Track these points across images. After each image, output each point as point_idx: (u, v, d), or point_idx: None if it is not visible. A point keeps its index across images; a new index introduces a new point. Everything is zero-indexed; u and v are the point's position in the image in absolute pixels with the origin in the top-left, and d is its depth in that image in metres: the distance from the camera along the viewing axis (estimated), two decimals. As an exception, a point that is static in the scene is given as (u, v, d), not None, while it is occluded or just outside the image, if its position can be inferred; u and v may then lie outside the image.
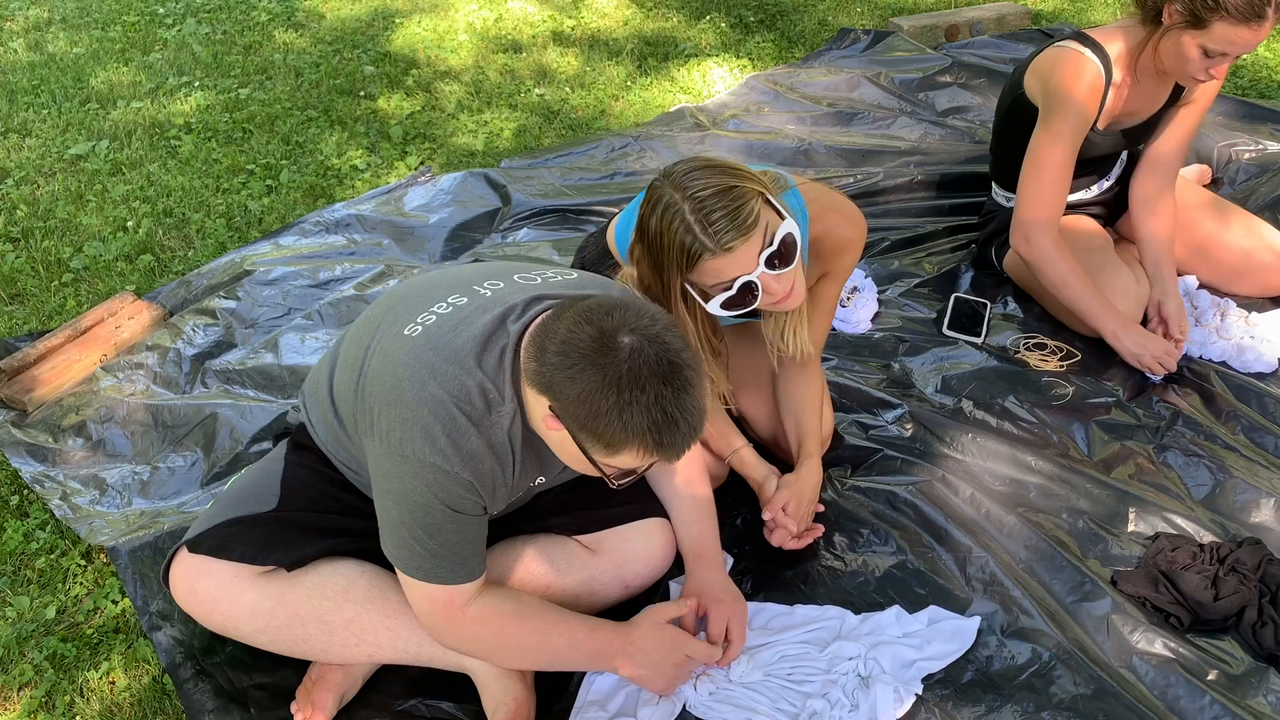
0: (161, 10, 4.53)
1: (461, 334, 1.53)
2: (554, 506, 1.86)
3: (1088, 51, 2.39)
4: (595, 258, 2.17)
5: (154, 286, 2.80)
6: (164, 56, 4.11)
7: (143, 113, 3.67)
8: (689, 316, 1.80)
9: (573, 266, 2.19)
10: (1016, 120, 2.57)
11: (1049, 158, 2.41)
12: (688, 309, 1.78)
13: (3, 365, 2.43)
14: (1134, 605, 1.87)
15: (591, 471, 1.51)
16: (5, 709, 1.76)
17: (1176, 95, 2.50)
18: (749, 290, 1.69)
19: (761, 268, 1.67)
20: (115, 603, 1.92)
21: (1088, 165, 2.59)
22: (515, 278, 1.67)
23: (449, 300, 1.61)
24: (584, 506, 1.86)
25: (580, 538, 1.84)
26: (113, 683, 1.80)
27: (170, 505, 2.10)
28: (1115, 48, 2.40)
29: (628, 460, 1.43)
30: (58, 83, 3.89)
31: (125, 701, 1.76)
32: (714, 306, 1.72)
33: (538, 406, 1.47)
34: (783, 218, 1.69)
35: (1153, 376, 2.41)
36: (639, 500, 1.89)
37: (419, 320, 1.58)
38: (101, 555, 2.00)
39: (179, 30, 4.35)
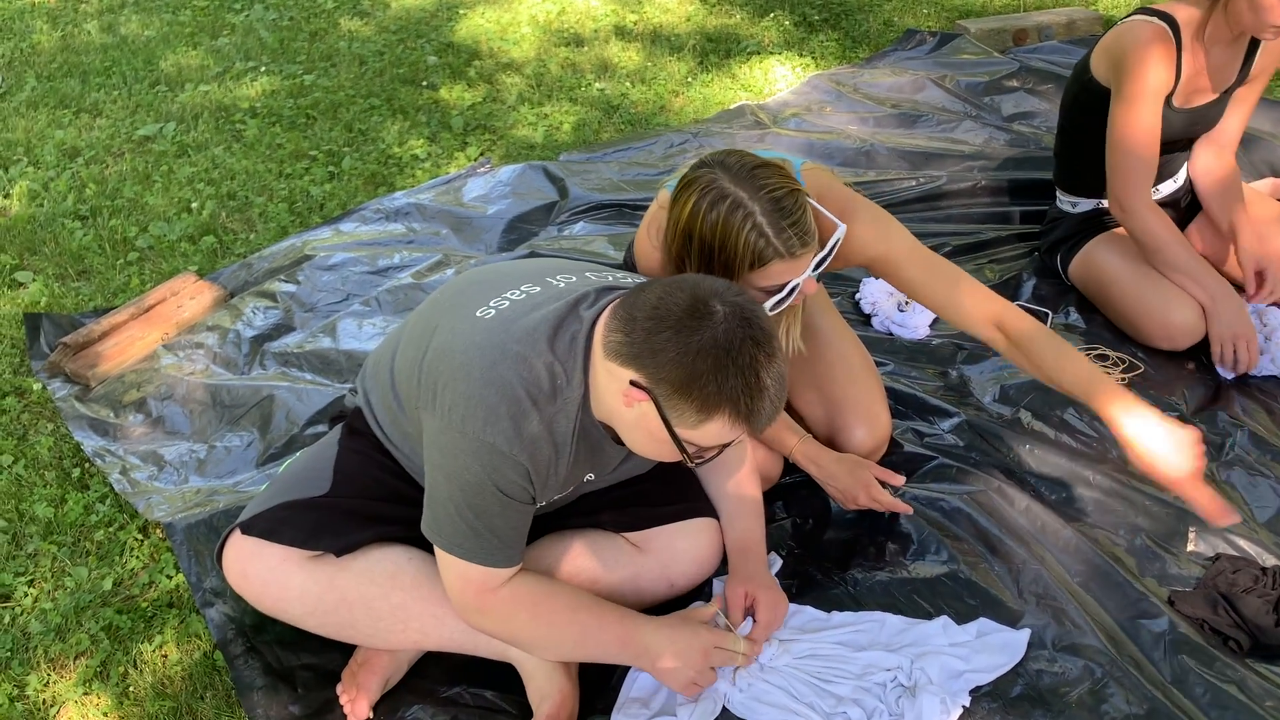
0: (231, -5, 4.60)
1: (534, 317, 1.53)
2: (603, 503, 1.85)
3: (1155, 20, 2.37)
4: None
5: (216, 268, 2.84)
6: (231, 41, 4.17)
7: (210, 96, 3.73)
8: None
9: (624, 264, 2.19)
10: (1083, 109, 2.54)
11: (1132, 124, 2.39)
12: None
13: (68, 340, 2.48)
14: (1192, 627, 1.83)
15: (666, 454, 1.49)
16: (62, 677, 1.80)
17: (1245, 73, 2.48)
18: (791, 294, 1.69)
19: (809, 272, 1.67)
20: (170, 577, 1.95)
21: (1160, 150, 2.54)
22: (587, 273, 1.68)
23: (523, 288, 1.62)
24: (633, 504, 1.85)
25: (628, 535, 1.84)
26: (165, 656, 1.83)
27: (226, 484, 2.14)
28: (1183, 14, 2.39)
29: (713, 431, 1.42)
30: (129, 65, 3.97)
31: (176, 675, 1.79)
32: (782, 292, 1.71)
33: (614, 384, 1.46)
34: (834, 224, 1.70)
35: (1225, 374, 2.36)
36: (688, 500, 1.88)
37: (492, 304, 1.58)
38: (158, 530, 2.03)
39: (247, 15, 4.41)
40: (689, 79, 3.86)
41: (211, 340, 2.52)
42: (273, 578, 1.70)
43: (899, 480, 1.93)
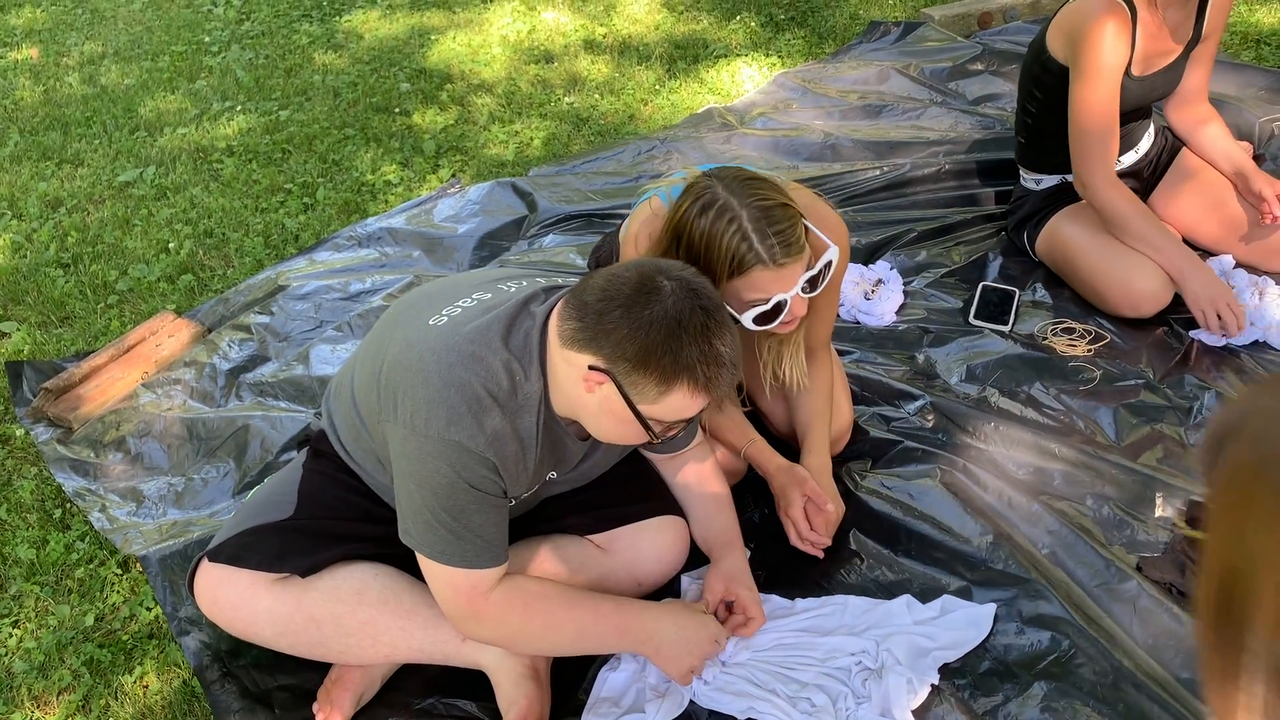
0: (208, 39, 4.67)
1: (487, 318, 1.56)
2: (567, 507, 1.87)
3: None
4: (608, 256, 2.19)
5: (194, 305, 2.89)
6: (209, 83, 4.23)
7: (188, 138, 3.79)
8: None
9: (588, 268, 2.22)
10: (1042, 88, 2.55)
11: (1091, 102, 2.40)
12: None
13: (50, 385, 2.52)
14: (1160, 591, 1.83)
15: (631, 435, 1.51)
16: (45, 713, 1.83)
17: (1199, 31, 2.49)
18: (779, 309, 1.71)
19: (798, 289, 1.70)
20: (149, 610, 1.98)
21: (1121, 120, 2.54)
22: (537, 278, 1.72)
23: (474, 296, 1.65)
24: (596, 506, 1.87)
25: (593, 537, 1.86)
26: (146, 686, 1.86)
27: (202, 515, 2.17)
28: None
29: (675, 403, 1.45)
30: (109, 113, 4.03)
31: (157, 704, 1.82)
32: (746, 320, 1.73)
33: (573, 372, 1.48)
34: (825, 244, 1.71)
35: (1209, 339, 2.35)
36: (652, 499, 1.90)
37: (444, 312, 1.61)
38: (137, 565, 2.07)
39: (224, 57, 4.47)
40: (657, 86, 3.88)
41: (189, 376, 2.56)
42: (241, 602, 1.72)
43: (827, 509, 1.91)
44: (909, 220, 2.91)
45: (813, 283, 1.75)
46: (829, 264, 1.76)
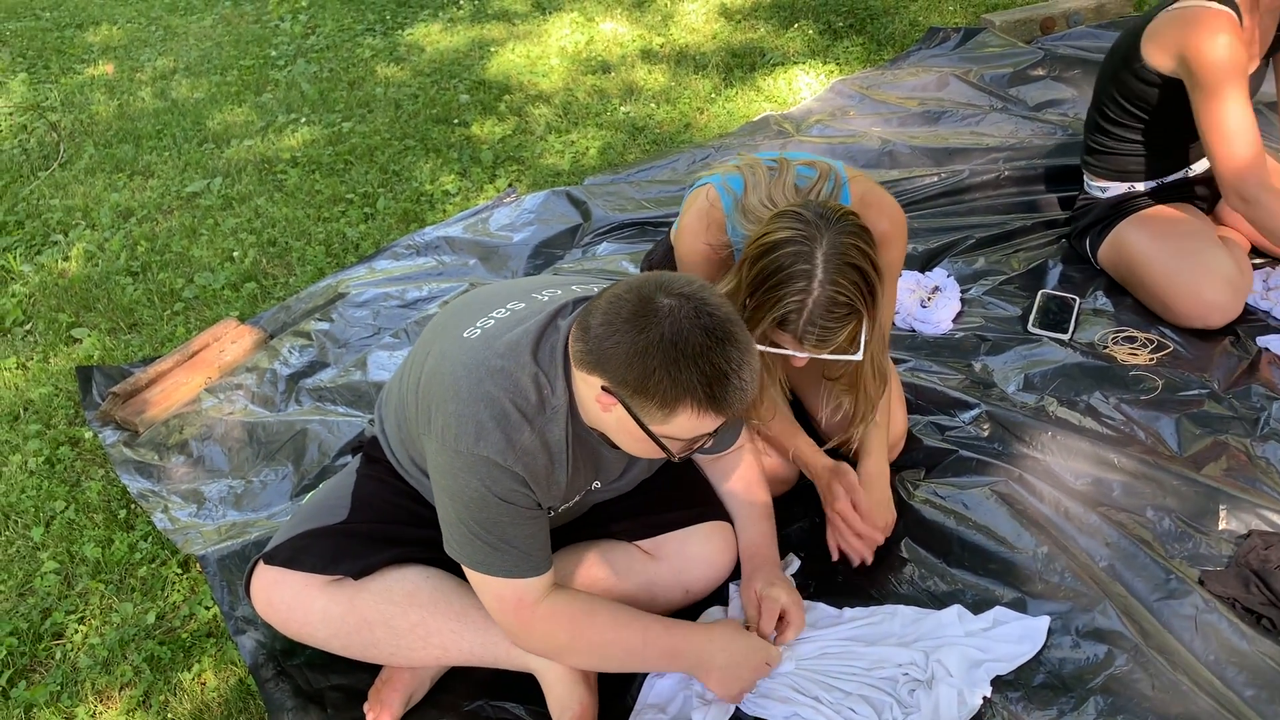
0: (274, 53, 4.78)
1: (517, 332, 1.57)
2: (615, 514, 1.88)
3: (1214, 4, 2.30)
4: (661, 257, 2.20)
5: (256, 312, 2.95)
6: (275, 96, 4.33)
7: (253, 149, 3.88)
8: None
9: (649, 264, 2.23)
10: (1129, 96, 2.47)
11: (1230, 115, 2.29)
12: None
13: (118, 390, 2.60)
14: (1223, 606, 1.78)
15: (653, 451, 1.51)
16: (108, 708, 1.88)
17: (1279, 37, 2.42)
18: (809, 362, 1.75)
19: (826, 355, 1.72)
20: (207, 609, 2.03)
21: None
22: (572, 286, 1.71)
23: (508, 306, 1.66)
24: (644, 512, 1.87)
25: (641, 543, 1.86)
26: (203, 684, 1.90)
27: (260, 516, 2.21)
28: None
29: (684, 424, 1.44)
30: (179, 126, 4.15)
31: (214, 701, 1.86)
32: (772, 350, 1.75)
33: (589, 391, 1.49)
34: (857, 347, 1.72)
35: None
36: (700, 505, 1.89)
37: (478, 325, 1.62)
38: (196, 565, 2.11)
39: (289, 71, 4.57)
40: (713, 95, 3.89)
41: (250, 381, 2.62)
42: (296, 603, 1.75)
43: (871, 532, 1.92)
44: (967, 227, 2.87)
45: (835, 355, 1.75)
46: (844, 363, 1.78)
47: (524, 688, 1.78)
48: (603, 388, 1.45)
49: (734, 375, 1.41)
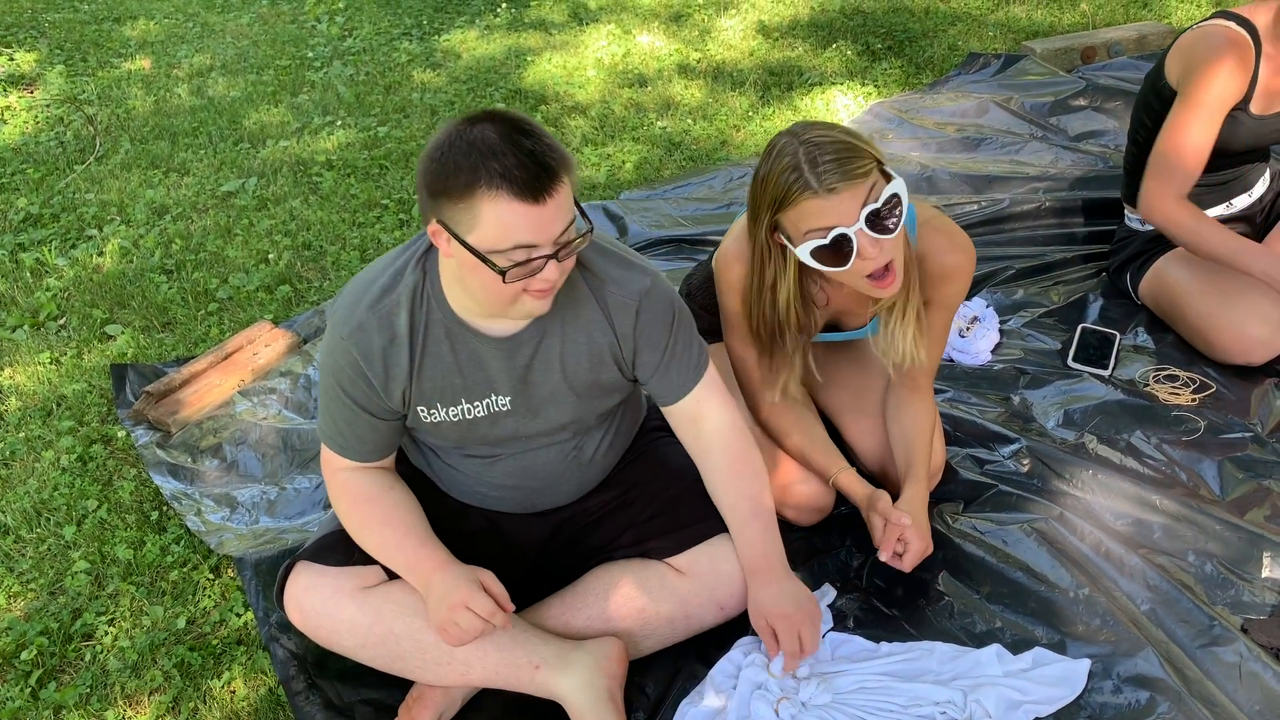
0: (311, 54, 4.79)
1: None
2: (646, 534, 1.86)
3: (1232, 23, 2.29)
4: (701, 282, 2.19)
5: (290, 315, 2.95)
6: (310, 98, 4.34)
7: (289, 150, 3.88)
8: (780, 276, 1.81)
9: (686, 292, 2.22)
10: (1151, 113, 2.46)
11: (1185, 130, 2.30)
12: (781, 265, 1.79)
13: (151, 389, 2.59)
14: (1267, 655, 1.76)
15: (491, 283, 1.48)
16: (137, 712, 1.88)
17: None
18: (843, 246, 1.66)
19: (861, 223, 1.64)
20: (239, 615, 2.02)
21: (1236, 159, 2.45)
22: None
23: None
24: (673, 529, 1.85)
25: (672, 560, 1.85)
26: (233, 692, 1.89)
27: (294, 524, 2.21)
28: (1262, 18, 2.30)
29: (491, 218, 1.43)
30: (215, 124, 4.16)
31: (244, 710, 1.85)
32: (804, 253, 1.70)
33: (446, 260, 1.55)
34: (890, 178, 1.67)
35: None
36: (712, 516, 1.86)
37: None
38: (228, 570, 2.11)
39: (326, 73, 4.58)
40: (750, 113, 3.88)
41: (284, 386, 2.62)
42: (325, 609, 1.75)
43: (904, 520, 1.88)
44: (1007, 257, 2.85)
45: (877, 216, 1.64)
46: (894, 196, 1.65)
47: (554, 714, 1.77)
48: (434, 221, 1.49)
49: (522, 147, 1.41)
